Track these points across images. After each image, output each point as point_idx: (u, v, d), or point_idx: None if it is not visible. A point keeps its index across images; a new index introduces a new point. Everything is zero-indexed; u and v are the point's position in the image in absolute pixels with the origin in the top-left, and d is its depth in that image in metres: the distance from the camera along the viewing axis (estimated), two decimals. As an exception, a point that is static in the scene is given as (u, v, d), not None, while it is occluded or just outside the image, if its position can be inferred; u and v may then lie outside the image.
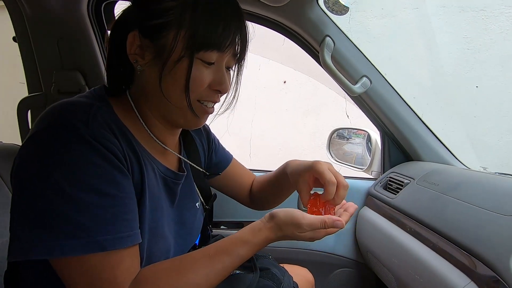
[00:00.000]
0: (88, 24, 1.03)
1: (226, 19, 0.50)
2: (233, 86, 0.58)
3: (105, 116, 0.48)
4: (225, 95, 0.58)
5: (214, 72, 0.53)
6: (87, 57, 1.06)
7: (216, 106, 0.58)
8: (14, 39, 1.05)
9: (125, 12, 0.55)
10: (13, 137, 1.13)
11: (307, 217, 0.54)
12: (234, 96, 0.59)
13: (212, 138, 0.79)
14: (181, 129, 0.64)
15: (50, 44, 1.02)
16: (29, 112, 1.09)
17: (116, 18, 0.56)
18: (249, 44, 0.57)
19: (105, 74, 0.59)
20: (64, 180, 0.42)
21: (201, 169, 0.71)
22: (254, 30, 0.58)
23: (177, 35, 0.49)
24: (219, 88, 0.54)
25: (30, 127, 1.10)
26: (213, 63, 0.52)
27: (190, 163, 0.67)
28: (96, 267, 0.43)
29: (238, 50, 0.55)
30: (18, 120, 1.08)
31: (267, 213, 0.57)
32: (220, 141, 0.84)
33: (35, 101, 1.08)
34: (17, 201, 0.44)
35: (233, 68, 0.58)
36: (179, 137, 0.66)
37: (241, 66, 0.58)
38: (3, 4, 1.02)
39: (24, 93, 1.11)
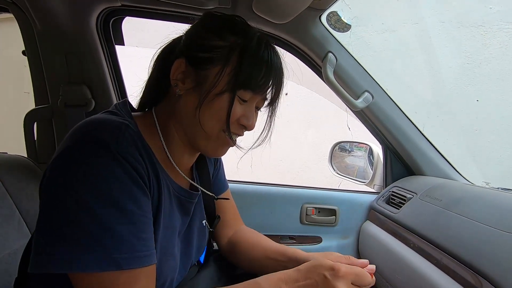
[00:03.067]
0: (97, 40, 1.05)
1: (269, 66, 0.55)
2: (266, 125, 0.63)
3: (132, 134, 0.50)
4: (255, 132, 0.62)
5: (245, 109, 0.57)
6: (94, 72, 1.08)
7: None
8: (23, 53, 1.07)
9: (175, 40, 0.61)
10: (19, 148, 1.14)
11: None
12: (267, 135, 0.64)
13: (218, 159, 0.81)
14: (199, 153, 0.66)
15: (58, 58, 1.04)
16: (35, 124, 1.11)
17: (165, 44, 0.62)
18: (282, 93, 0.61)
19: (115, 89, 0.62)
20: (87, 193, 0.43)
21: (210, 193, 0.71)
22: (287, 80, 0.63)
23: (222, 71, 0.53)
24: (246, 124, 0.58)
25: (35, 139, 1.11)
26: (247, 101, 0.57)
27: (201, 188, 0.68)
28: (111, 284, 0.44)
29: (271, 95, 0.59)
30: (25, 132, 1.09)
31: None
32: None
33: (42, 114, 1.09)
34: (43, 212, 0.45)
35: (261, 109, 0.63)
36: None
37: (274, 109, 0.63)
38: (12, 16, 1.05)
39: (29, 103, 1.13)
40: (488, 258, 0.62)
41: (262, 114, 0.64)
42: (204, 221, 0.70)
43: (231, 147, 0.62)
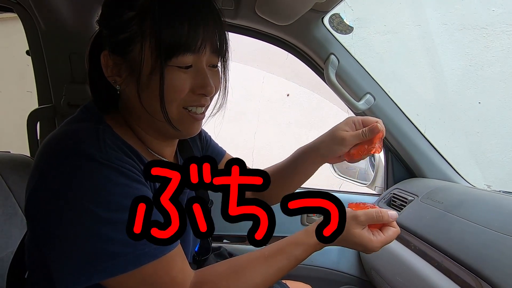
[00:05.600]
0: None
1: (191, 17, 0.47)
2: (221, 85, 0.55)
3: (111, 137, 0.48)
4: (216, 96, 0.56)
5: (194, 75, 0.50)
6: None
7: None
8: (27, 52, 1.08)
9: (98, 32, 0.54)
10: (21, 147, 1.15)
11: (362, 210, 0.54)
12: (224, 95, 0.56)
13: (203, 135, 0.77)
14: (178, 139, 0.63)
15: (62, 58, 1.05)
16: (38, 123, 1.11)
17: (91, 39, 0.55)
18: (228, 37, 0.53)
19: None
20: (96, 206, 0.42)
21: None
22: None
23: (142, 47, 0.47)
24: (203, 92, 0.51)
25: (38, 138, 1.12)
26: (191, 66, 0.49)
27: None
28: (153, 275, 0.45)
29: (217, 46, 0.51)
30: (28, 131, 1.09)
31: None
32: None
33: (45, 113, 1.10)
34: (54, 237, 0.44)
35: (219, 65, 0.55)
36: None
37: (226, 62, 0.55)
38: (15, 15, 1.06)
39: (31, 101, 1.13)
40: (490, 261, 0.62)
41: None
42: None
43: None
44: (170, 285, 0.46)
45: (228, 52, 0.54)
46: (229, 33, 0.56)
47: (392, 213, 0.53)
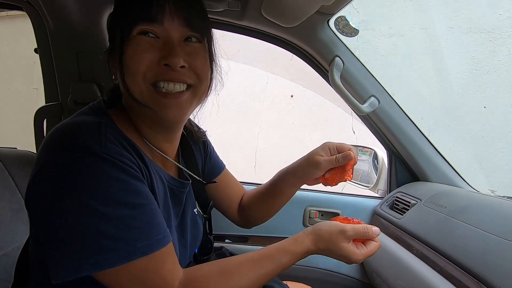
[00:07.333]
0: (107, 39, 1.07)
1: None
2: (208, 64, 0.56)
3: (113, 132, 0.50)
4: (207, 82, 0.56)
5: (161, 46, 0.51)
6: (104, 70, 1.09)
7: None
8: (35, 50, 1.09)
9: None
10: (27, 143, 1.16)
11: (350, 224, 0.58)
12: (211, 76, 0.56)
13: (207, 143, 0.79)
14: (179, 137, 0.64)
15: (70, 57, 1.06)
16: (44, 120, 1.12)
17: None
18: (202, 9, 0.55)
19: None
20: (93, 200, 0.44)
21: (198, 178, 0.71)
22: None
23: (116, 33, 0.52)
24: (166, 62, 0.50)
25: (45, 135, 1.13)
26: (159, 37, 0.51)
27: (190, 172, 0.69)
28: (143, 271, 0.46)
29: (189, 20, 0.52)
30: (34, 128, 1.10)
31: (310, 226, 0.61)
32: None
33: (52, 111, 1.11)
34: (49, 227, 0.45)
35: (201, 40, 0.54)
36: (178, 146, 0.67)
37: (209, 39, 0.55)
38: (23, 13, 1.07)
39: (38, 98, 1.15)
40: (493, 267, 0.62)
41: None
42: (195, 210, 0.70)
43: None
44: (159, 283, 0.48)
45: (203, 25, 0.54)
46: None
47: (376, 229, 0.59)
